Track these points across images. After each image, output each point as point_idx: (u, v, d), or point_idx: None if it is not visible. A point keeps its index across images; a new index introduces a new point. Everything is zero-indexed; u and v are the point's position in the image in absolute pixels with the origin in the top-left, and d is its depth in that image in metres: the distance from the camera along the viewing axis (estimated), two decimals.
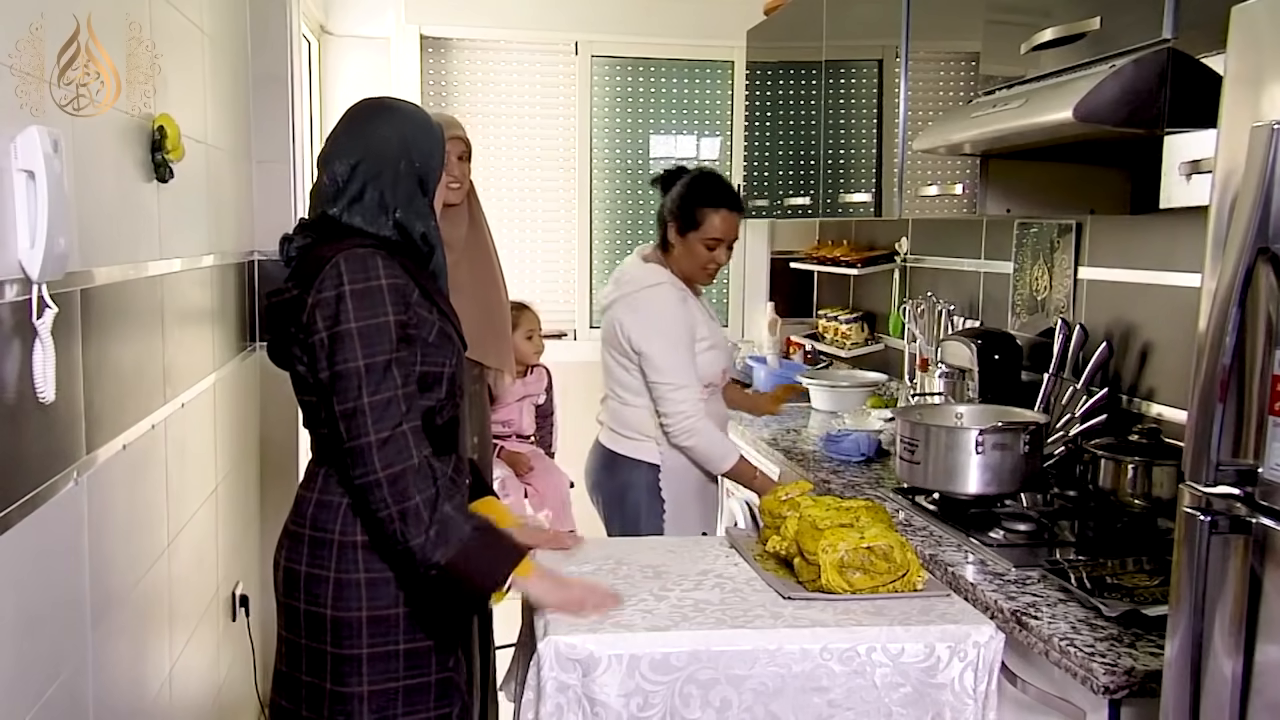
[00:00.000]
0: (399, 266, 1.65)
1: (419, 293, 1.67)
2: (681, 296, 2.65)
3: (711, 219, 2.61)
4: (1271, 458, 1.14)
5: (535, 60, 4.65)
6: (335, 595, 1.66)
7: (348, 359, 1.58)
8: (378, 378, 1.58)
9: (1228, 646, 1.18)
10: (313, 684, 1.69)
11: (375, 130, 1.71)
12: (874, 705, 1.61)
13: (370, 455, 1.56)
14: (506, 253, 4.57)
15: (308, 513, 1.70)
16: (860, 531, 1.75)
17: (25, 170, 1.45)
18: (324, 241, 1.68)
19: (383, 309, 1.60)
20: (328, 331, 1.60)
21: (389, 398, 1.58)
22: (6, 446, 1.43)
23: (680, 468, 2.66)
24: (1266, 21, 1.16)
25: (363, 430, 1.57)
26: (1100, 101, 1.72)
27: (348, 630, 1.66)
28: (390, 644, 1.67)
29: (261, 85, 3.22)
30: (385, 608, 1.66)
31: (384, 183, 1.69)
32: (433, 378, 1.69)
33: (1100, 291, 2.54)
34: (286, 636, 1.74)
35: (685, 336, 2.61)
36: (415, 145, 1.72)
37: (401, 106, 1.78)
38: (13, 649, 1.46)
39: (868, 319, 4.03)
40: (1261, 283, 1.14)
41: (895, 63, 2.90)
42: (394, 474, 1.56)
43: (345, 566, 1.66)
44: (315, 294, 1.61)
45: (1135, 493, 2.01)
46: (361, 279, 1.60)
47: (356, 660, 1.66)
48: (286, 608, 1.73)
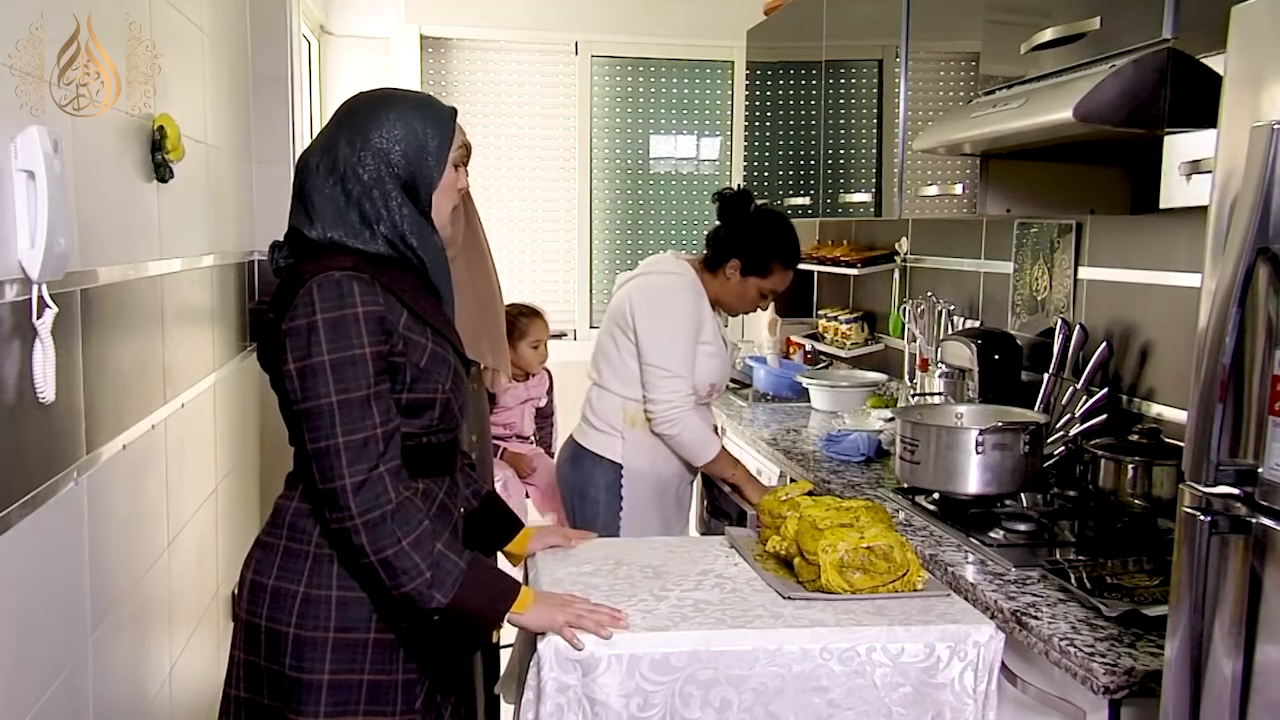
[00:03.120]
0: (381, 290, 1.50)
1: (408, 315, 1.53)
2: (698, 296, 2.65)
3: (781, 275, 2.66)
4: (1271, 458, 1.14)
5: (535, 60, 4.66)
6: (301, 611, 1.52)
7: (320, 394, 1.45)
8: (352, 415, 1.45)
9: (1228, 646, 1.18)
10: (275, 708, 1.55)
11: (352, 132, 1.55)
12: (874, 705, 1.61)
13: (345, 499, 1.45)
14: (507, 253, 4.60)
15: (285, 520, 1.58)
16: (860, 531, 1.75)
17: (25, 170, 1.46)
18: (308, 255, 1.54)
19: (358, 340, 1.46)
20: (298, 364, 1.46)
21: (365, 438, 1.46)
22: (6, 446, 1.43)
23: (642, 469, 2.66)
24: (1266, 21, 1.16)
25: (336, 473, 1.45)
26: (1100, 101, 1.72)
27: (310, 651, 1.52)
28: (355, 672, 1.53)
29: (261, 85, 3.23)
30: (353, 631, 1.53)
31: (358, 191, 1.53)
32: (423, 403, 1.56)
33: (1100, 291, 2.54)
34: (245, 659, 1.58)
35: (690, 330, 2.61)
36: (400, 145, 1.54)
37: (391, 101, 1.59)
38: (13, 649, 1.46)
39: (868, 319, 4.03)
40: (1261, 283, 1.14)
41: (895, 63, 2.90)
42: (372, 519, 1.45)
43: (316, 581, 1.53)
44: (287, 322, 1.48)
45: (1135, 493, 2.01)
46: (335, 307, 1.46)
47: (315, 686, 1.52)
48: (247, 625, 1.57)
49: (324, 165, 1.54)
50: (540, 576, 1.82)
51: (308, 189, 1.55)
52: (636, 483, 2.66)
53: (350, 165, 1.53)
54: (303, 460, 1.54)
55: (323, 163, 1.55)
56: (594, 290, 4.77)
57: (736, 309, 2.74)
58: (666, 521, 2.73)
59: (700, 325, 2.63)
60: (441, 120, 1.60)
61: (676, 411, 2.58)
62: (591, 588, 1.74)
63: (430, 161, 1.57)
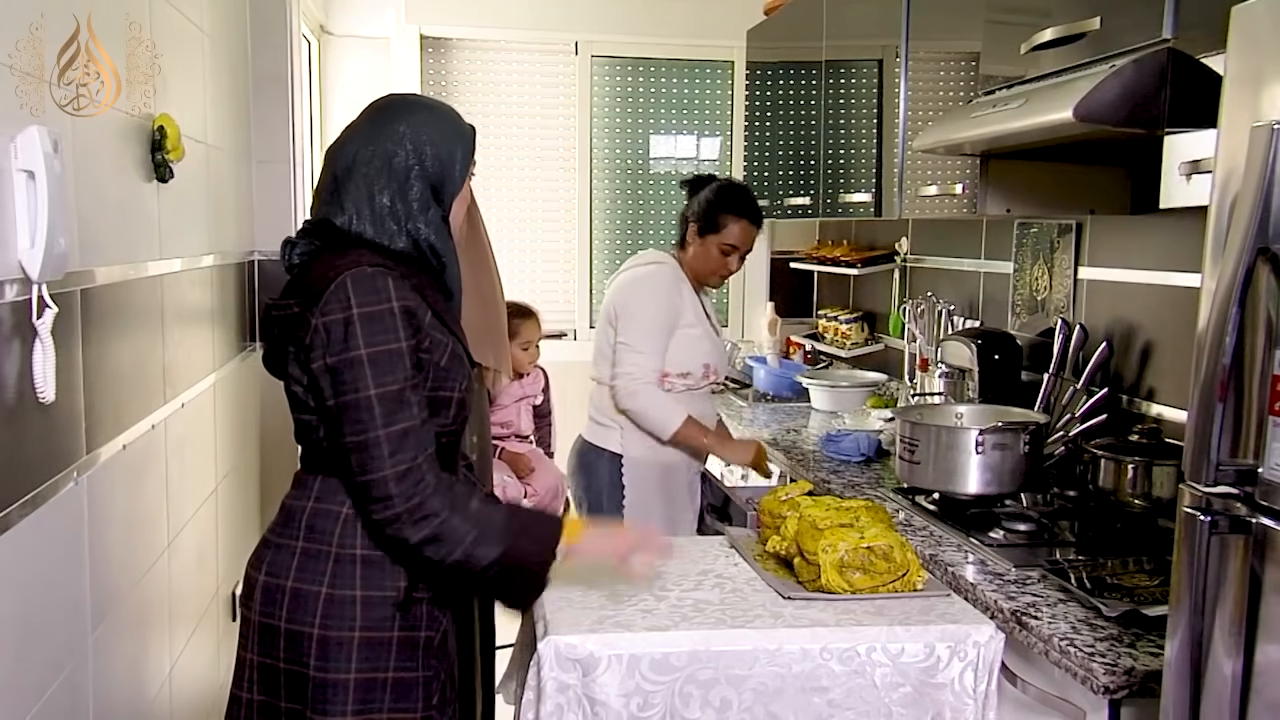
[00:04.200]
0: (410, 287, 1.52)
1: (431, 314, 1.55)
2: (676, 281, 2.74)
3: (732, 227, 2.72)
4: (1271, 458, 1.14)
5: (535, 60, 4.66)
6: (325, 611, 1.52)
7: (358, 388, 1.46)
8: (392, 408, 1.46)
9: (1228, 646, 1.18)
10: (293, 710, 1.55)
11: (391, 128, 1.57)
12: (874, 705, 1.61)
13: (387, 488, 1.46)
14: (507, 253, 4.60)
15: (300, 522, 1.57)
16: (860, 531, 1.75)
17: (25, 170, 1.45)
18: (329, 250, 1.55)
19: (394, 334, 1.48)
20: (335, 358, 1.47)
21: (406, 428, 1.47)
22: (7, 446, 1.43)
23: (642, 459, 2.72)
24: (1266, 21, 1.16)
25: (377, 464, 1.46)
26: (1100, 101, 1.72)
27: (336, 651, 1.52)
28: (380, 670, 1.54)
29: (261, 85, 3.23)
30: (378, 630, 1.54)
31: (392, 188, 1.55)
32: (442, 401, 1.57)
33: (1100, 291, 2.54)
34: (259, 660, 1.58)
35: (660, 311, 2.69)
36: (433, 149, 1.58)
37: (426, 106, 1.64)
38: (13, 648, 1.46)
39: (868, 319, 4.03)
40: (1261, 283, 1.14)
41: (895, 63, 2.90)
42: (415, 504, 1.46)
43: (340, 581, 1.53)
44: (320, 316, 1.48)
45: (1135, 493, 2.01)
46: (371, 301, 1.47)
47: (342, 686, 1.52)
48: (261, 626, 1.57)
49: (362, 157, 1.56)
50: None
51: (351, 178, 1.56)
52: (637, 471, 2.72)
53: (390, 159, 1.56)
54: (330, 457, 1.55)
55: (361, 154, 1.57)
56: (594, 290, 4.77)
57: (708, 274, 2.79)
58: (673, 510, 2.76)
59: (679, 309, 2.71)
60: (466, 133, 1.65)
61: (636, 384, 2.65)
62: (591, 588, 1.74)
63: (457, 169, 1.61)
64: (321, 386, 1.50)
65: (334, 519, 1.55)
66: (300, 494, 1.60)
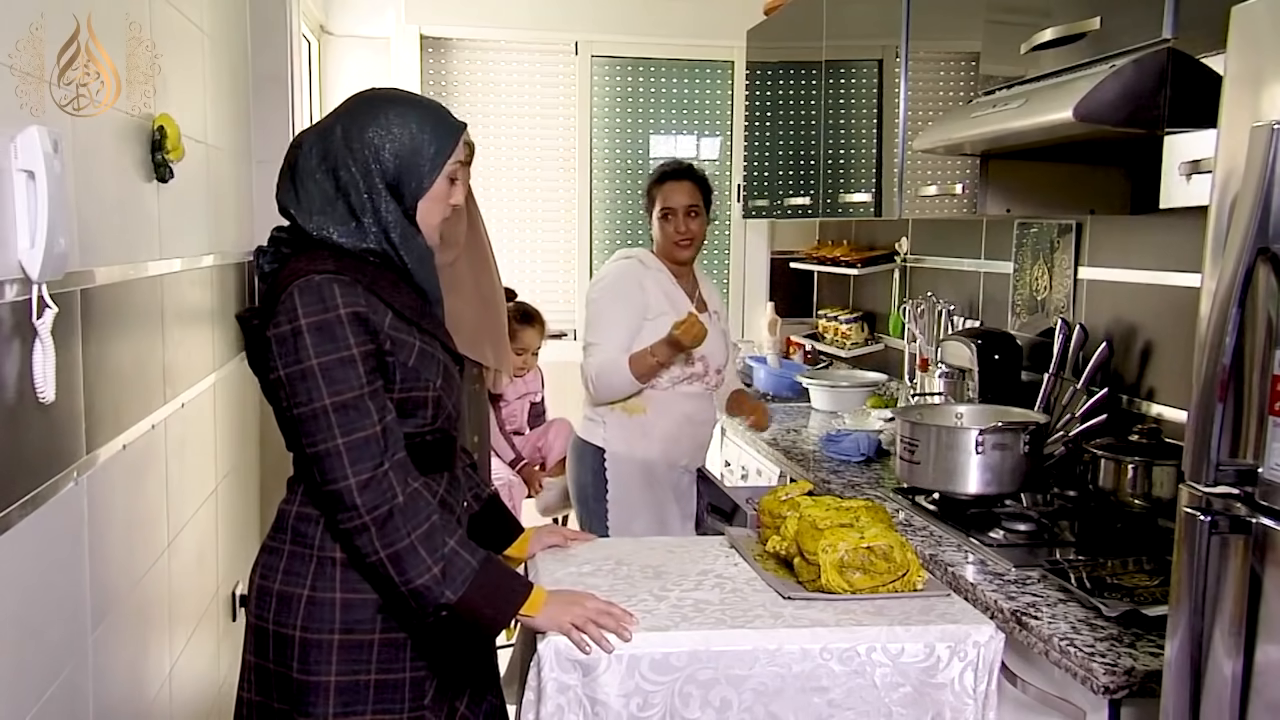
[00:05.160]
0: (363, 291, 1.49)
1: (393, 315, 1.52)
2: (639, 273, 2.80)
3: (659, 193, 2.85)
4: (1271, 458, 1.14)
5: (535, 60, 4.65)
6: (306, 614, 1.53)
7: (312, 398, 1.46)
8: (349, 416, 1.45)
9: (1228, 646, 1.18)
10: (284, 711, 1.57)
11: (357, 121, 1.54)
12: (874, 705, 1.61)
13: (352, 498, 1.45)
14: (507, 253, 4.59)
15: (288, 525, 1.59)
16: (860, 531, 1.75)
17: (25, 170, 1.45)
18: (295, 256, 1.54)
19: (344, 342, 1.46)
20: (287, 370, 1.47)
21: (365, 436, 1.46)
22: (6, 446, 1.43)
23: (624, 453, 2.77)
24: (1266, 21, 1.16)
25: (340, 473, 1.45)
26: (1100, 101, 1.72)
27: (316, 653, 1.53)
28: (362, 672, 1.54)
29: (261, 85, 3.22)
30: (359, 632, 1.54)
31: (350, 181, 1.52)
32: (415, 402, 1.56)
33: (1100, 291, 2.54)
34: (255, 662, 1.61)
35: (620, 308, 2.76)
36: (392, 145, 1.53)
37: (403, 102, 1.59)
38: (13, 648, 1.46)
39: (868, 319, 4.03)
40: (1261, 283, 1.14)
41: (895, 63, 2.90)
42: (380, 515, 1.46)
43: (321, 584, 1.54)
44: (272, 329, 1.48)
45: (1135, 493, 2.01)
46: (318, 310, 1.46)
47: (323, 688, 1.53)
48: (255, 629, 1.59)
49: (316, 150, 1.56)
50: (540, 577, 1.81)
51: (298, 168, 1.57)
52: (619, 466, 2.78)
53: (340, 155, 1.54)
54: (302, 464, 1.55)
55: (316, 146, 1.56)
56: None
57: (672, 251, 2.84)
58: (661, 512, 2.76)
59: (643, 302, 2.76)
60: (445, 131, 1.59)
61: (592, 369, 2.74)
62: (591, 588, 1.73)
63: (422, 168, 1.56)
64: (279, 398, 1.50)
65: (315, 523, 1.56)
66: (289, 498, 1.62)
